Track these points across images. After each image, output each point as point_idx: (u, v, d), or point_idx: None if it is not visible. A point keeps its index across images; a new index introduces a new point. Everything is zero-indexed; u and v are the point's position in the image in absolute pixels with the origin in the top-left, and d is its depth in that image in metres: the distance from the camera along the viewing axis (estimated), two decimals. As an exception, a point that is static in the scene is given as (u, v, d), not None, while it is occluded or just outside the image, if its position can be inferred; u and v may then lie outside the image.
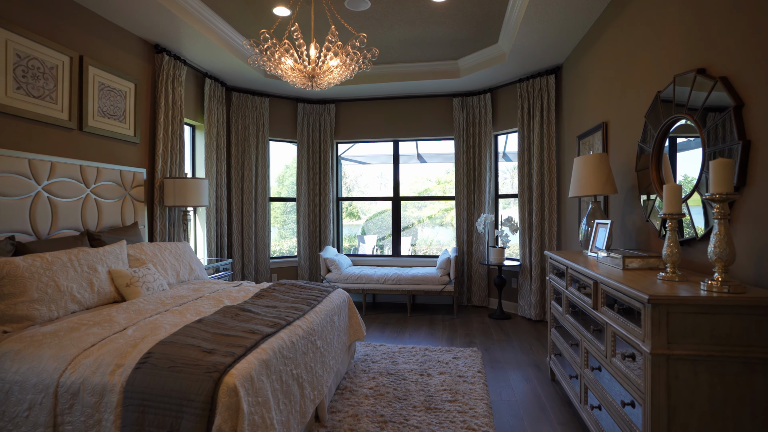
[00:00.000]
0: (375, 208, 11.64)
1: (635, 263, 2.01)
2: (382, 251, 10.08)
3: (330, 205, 5.60)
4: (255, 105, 5.19)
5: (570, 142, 4.11)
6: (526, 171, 4.67)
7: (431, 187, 11.68)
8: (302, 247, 5.55)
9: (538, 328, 4.31)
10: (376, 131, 5.61)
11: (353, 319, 3.11)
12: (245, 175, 5.13)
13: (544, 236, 4.52)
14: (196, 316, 2.06)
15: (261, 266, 5.25)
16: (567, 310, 2.52)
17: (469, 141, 5.25)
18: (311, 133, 5.59)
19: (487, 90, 5.11)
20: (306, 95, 5.47)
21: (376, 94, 5.46)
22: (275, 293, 2.66)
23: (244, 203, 5.13)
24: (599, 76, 3.29)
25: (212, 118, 4.58)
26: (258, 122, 5.22)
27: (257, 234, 5.23)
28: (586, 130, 3.56)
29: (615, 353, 1.77)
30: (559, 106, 4.43)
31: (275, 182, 7.05)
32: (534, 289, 4.52)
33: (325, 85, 2.57)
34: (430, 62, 4.83)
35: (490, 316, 4.75)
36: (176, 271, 3.01)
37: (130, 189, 3.44)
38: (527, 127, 4.64)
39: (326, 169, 5.57)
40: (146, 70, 3.73)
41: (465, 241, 5.27)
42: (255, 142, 5.19)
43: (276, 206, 8.40)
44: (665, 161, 2.28)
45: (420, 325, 4.49)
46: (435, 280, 4.75)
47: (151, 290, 2.48)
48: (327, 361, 2.47)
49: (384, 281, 4.86)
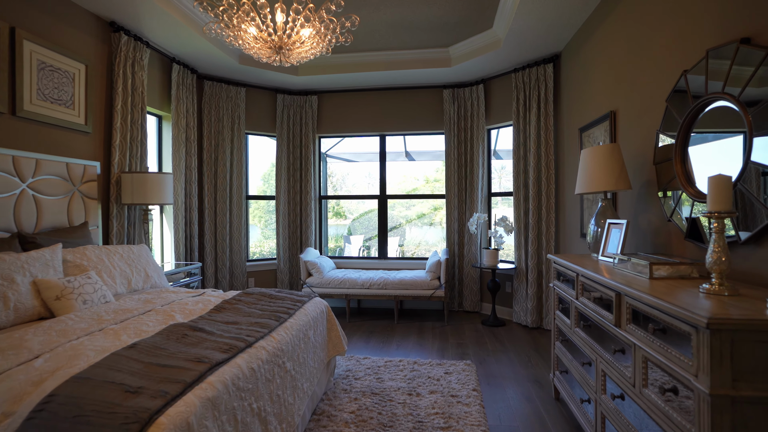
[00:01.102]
0: (362, 208, 11.28)
1: (663, 271, 1.69)
2: (368, 252, 9.72)
3: (312, 204, 5.22)
4: (230, 95, 4.78)
5: (570, 135, 3.81)
6: (521, 167, 4.36)
7: (419, 186, 11.37)
8: (281, 248, 5.16)
9: (535, 336, 4.00)
10: (362, 125, 5.25)
11: (333, 332, 2.74)
12: (219, 171, 4.72)
13: (541, 237, 4.21)
14: (134, 338, 1.68)
15: (236, 270, 4.85)
16: (577, 323, 2.20)
17: (460, 135, 4.92)
18: (292, 126, 5.20)
19: (480, 81, 4.79)
20: (286, 86, 5.08)
21: (361, 84, 5.10)
22: (239, 305, 2.28)
23: (217, 201, 4.72)
24: (606, 62, 2.98)
25: (181, 107, 4.17)
26: (233, 114, 4.82)
27: (232, 235, 4.83)
28: (590, 121, 3.26)
29: (647, 383, 1.44)
30: (558, 97, 4.12)
31: (260, 180, 6.64)
32: (530, 294, 4.21)
33: (295, 59, 2.20)
34: (420, 50, 4.49)
35: (484, 322, 4.43)
36: (127, 279, 2.61)
37: (80, 184, 3.02)
38: (523, 120, 4.33)
39: (308, 165, 5.19)
40: (100, 51, 3.31)
41: (456, 242, 4.94)
42: (230, 135, 4.79)
43: (260, 205, 7.99)
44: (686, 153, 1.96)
45: (408, 333, 4.15)
46: (424, 285, 4.41)
47: (89, 303, 2.08)
48: (300, 385, 2.10)
49: (369, 286, 4.50)
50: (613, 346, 1.70)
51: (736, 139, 1.67)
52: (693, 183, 1.93)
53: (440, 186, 11.38)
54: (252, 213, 8.89)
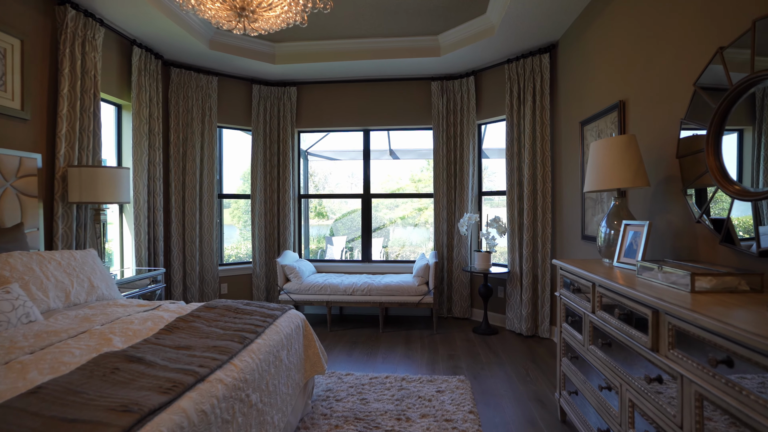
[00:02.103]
0: (345, 208, 10.92)
1: (705, 282, 1.41)
2: (351, 254, 9.36)
3: (291, 204, 4.85)
4: (200, 84, 4.37)
5: (569, 129, 3.54)
6: (515, 164, 4.08)
7: (404, 186, 11.07)
8: (257, 251, 4.77)
9: (531, 345, 3.72)
10: (345, 119, 4.90)
11: (310, 349, 2.39)
12: (188, 167, 4.31)
13: (536, 239, 3.94)
14: (46, 375, 1.30)
15: (207, 275, 4.44)
16: (592, 340, 1.91)
17: (449, 131, 4.62)
18: (269, 119, 4.82)
19: (471, 72, 4.50)
20: (262, 75, 4.70)
21: (344, 75, 4.75)
22: (198, 323, 1.91)
23: (186, 200, 4.31)
24: (613, 47, 2.72)
25: (143, 96, 3.74)
26: (204, 105, 4.41)
27: (202, 237, 4.42)
28: (594, 113, 2.99)
29: (703, 426, 1.14)
30: (555, 90, 3.86)
31: (240, 180, 6.22)
32: (525, 300, 3.93)
33: (263, 27, 1.85)
34: (407, 37, 4.17)
35: (475, 330, 4.14)
36: (65, 291, 2.20)
37: (14, 179, 2.59)
38: (517, 114, 4.05)
39: (286, 162, 4.82)
40: (41, 25, 2.88)
41: (444, 243, 4.64)
42: (200, 128, 4.38)
43: (240, 205, 7.56)
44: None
45: (395, 343, 3.82)
46: (411, 290, 4.10)
47: (3, 325, 1.69)
48: (269, 419, 1.75)
49: (352, 292, 4.16)
50: (647, 373, 1.41)
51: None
52: (728, 178, 1.65)
53: (425, 186, 11.11)
54: (232, 213, 8.45)
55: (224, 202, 5.17)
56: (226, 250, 7.63)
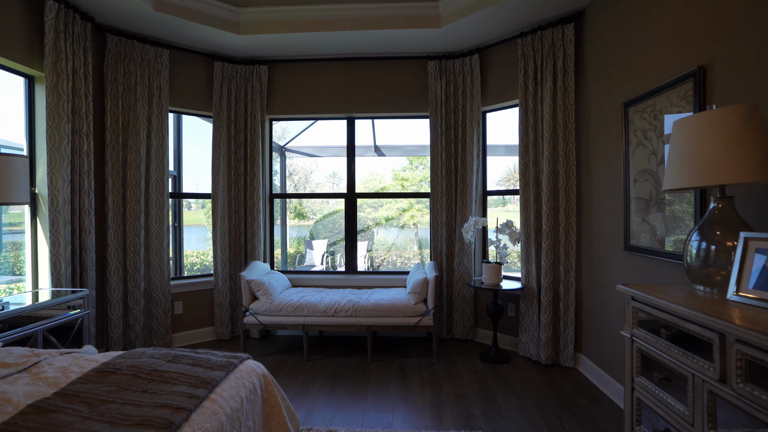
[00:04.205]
0: (327, 208, 10.13)
1: None
2: (333, 259, 8.58)
3: (261, 204, 4.06)
4: (147, 58, 3.55)
5: (604, 114, 2.88)
6: (531, 158, 3.40)
7: (388, 186, 10.36)
8: (220, 261, 3.96)
9: (554, 378, 3.04)
10: (325, 105, 4.14)
11: (274, 419, 1.63)
12: (130, 160, 3.47)
13: (558, 248, 3.27)
14: None
15: (156, 292, 3.62)
16: (711, 423, 1.21)
17: (449, 119, 3.92)
18: (234, 104, 4.02)
19: (475, 50, 3.80)
20: (226, 50, 3.90)
21: (324, 51, 3.99)
22: (77, 406, 1.14)
23: (127, 200, 3.47)
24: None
25: (63, 66, 2.91)
26: (152, 84, 3.58)
27: (150, 245, 3.59)
28: (647, 90, 2.32)
29: None
30: (581, 67, 3.20)
31: (210, 177, 5.37)
32: (544, 322, 3.26)
33: None
34: (402, 2, 3.44)
35: (483, 357, 3.44)
36: None
37: None
38: (533, 98, 3.38)
39: (255, 154, 4.02)
40: None
41: (444, 252, 3.93)
42: (146, 111, 3.55)
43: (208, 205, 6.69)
44: None
45: (387, 377, 3.09)
46: (406, 310, 3.37)
47: None
48: None
49: (334, 312, 3.41)
50: None
51: None
52: None
53: (411, 185, 10.41)
54: (207, 213, 7.56)
55: (198, 202, 4.34)
56: (190, 258, 6.77)
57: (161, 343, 3.64)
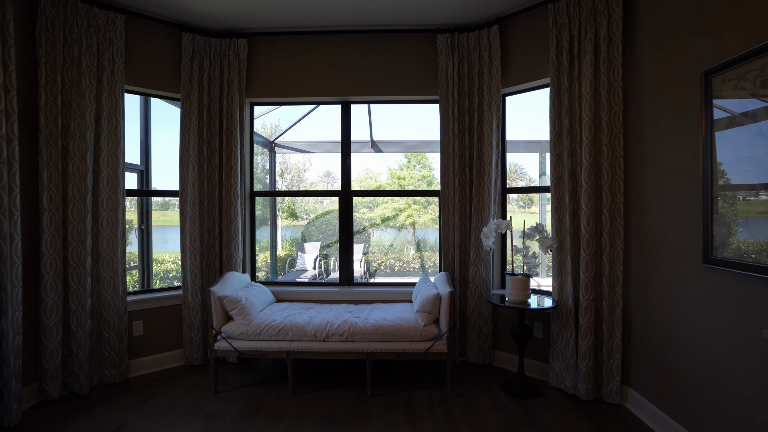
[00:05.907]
0: (321, 208, 9.50)
1: None
2: (326, 263, 7.93)
3: (239, 204, 3.41)
4: (95, 23, 2.89)
5: (668, 88, 2.28)
6: (566, 146, 2.80)
7: (384, 184, 9.76)
8: (189, 272, 3.31)
9: (600, 421, 2.44)
10: (316, 86, 3.50)
11: None
12: (73, 149, 2.81)
13: (600, 257, 2.67)
14: None
15: (107, 311, 2.96)
16: None
17: (462, 103, 3.30)
18: (207, 84, 3.37)
19: (494, 21, 3.19)
20: (197, 20, 3.25)
21: (315, 23, 3.36)
22: None
23: (69, 198, 2.81)
24: None
25: (-25, 24, 2.24)
26: (102, 56, 2.92)
27: (99, 253, 2.94)
28: (745, 51, 1.72)
29: None
30: (631, 35, 2.60)
31: None
32: (584, 348, 2.65)
33: None
34: (408, -42, 2.82)
35: (506, 389, 2.83)
36: None
37: None
38: (568, 76, 2.77)
39: (232, 144, 3.38)
40: None
41: (456, 260, 3.32)
42: (94, 89, 2.89)
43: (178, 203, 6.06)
44: None
45: (393, 422, 2.46)
46: (414, 333, 2.75)
47: None
48: None
49: (326, 336, 2.78)
50: None
51: None
52: None
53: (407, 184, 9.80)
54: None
55: (167, 200, 3.70)
56: (166, 264, 6.09)
57: (115, 372, 2.98)
